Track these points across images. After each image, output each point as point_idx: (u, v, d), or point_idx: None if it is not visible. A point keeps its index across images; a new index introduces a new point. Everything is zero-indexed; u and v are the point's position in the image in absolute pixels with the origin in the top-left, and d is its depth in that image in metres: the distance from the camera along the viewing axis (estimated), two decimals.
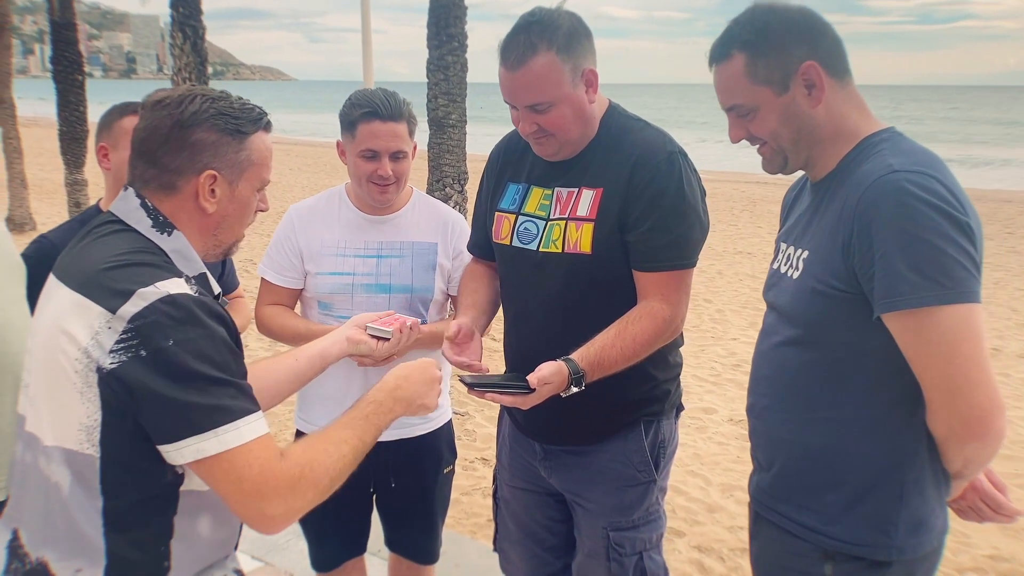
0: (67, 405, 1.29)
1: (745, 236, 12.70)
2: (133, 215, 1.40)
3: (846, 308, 1.50)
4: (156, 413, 1.25)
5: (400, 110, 2.24)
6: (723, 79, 1.61)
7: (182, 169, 1.40)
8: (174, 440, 1.25)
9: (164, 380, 1.23)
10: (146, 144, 1.40)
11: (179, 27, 8.11)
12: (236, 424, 1.27)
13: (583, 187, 1.96)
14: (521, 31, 1.85)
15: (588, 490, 2.11)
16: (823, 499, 1.61)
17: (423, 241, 2.40)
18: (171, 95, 1.42)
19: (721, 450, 4.94)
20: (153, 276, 1.30)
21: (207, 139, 1.40)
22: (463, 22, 6.74)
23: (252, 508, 1.29)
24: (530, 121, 1.91)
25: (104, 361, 1.24)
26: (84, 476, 1.29)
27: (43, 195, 15.07)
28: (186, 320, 1.26)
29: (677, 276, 1.94)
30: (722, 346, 7.07)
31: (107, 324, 1.25)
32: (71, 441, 1.29)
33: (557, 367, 1.79)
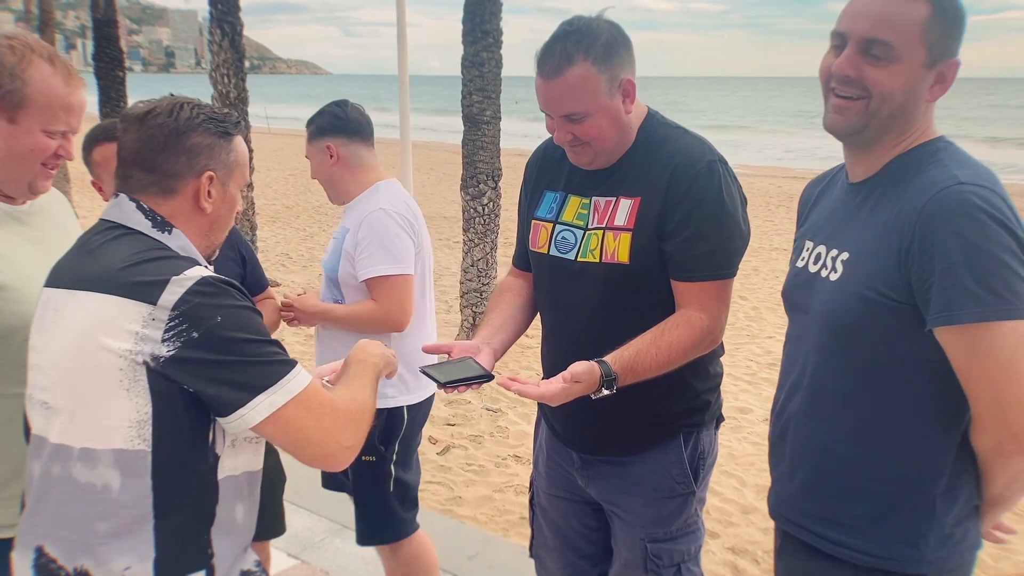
0: (112, 406, 1.33)
1: (782, 232, 12.55)
2: (132, 218, 1.45)
3: (893, 317, 1.46)
4: (221, 385, 1.33)
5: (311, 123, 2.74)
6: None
7: (181, 172, 1.46)
8: (244, 404, 1.33)
9: (223, 353, 1.32)
10: (143, 153, 1.46)
11: (217, 24, 8.20)
12: (294, 372, 1.39)
13: (621, 196, 1.94)
14: (559, 40, 1.83)
15: (626, 501, 2.09)
16: (851, 511, 1.56)
17: (345, 227, 2.67)
18: (157, 107, 1.48)
19: (756, 450, 4.89)
20: (178, 266, 1.37)
21: (203, 142, 1.48)
22: (498, 18, 6.74)
23: (331, 443, 1.42)
24: (565, 130, 1.89)
25: (160, 351, 1.30)
26: (136, 472, 1.34)
27: (84, 188, 15.31)
28: (224, 295, 1.36)
29: (716, 286, 1.91)
30: (758, 344, 7.01)
31: (150, 316, 1.31)
32: (120, 440, 1.34)
33: (589, 367, 1.77)
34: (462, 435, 5.10)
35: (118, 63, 11.52)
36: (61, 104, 1.75)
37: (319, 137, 2.70)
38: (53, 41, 13.41)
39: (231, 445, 1.43)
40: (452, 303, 7.99)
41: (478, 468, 4.65)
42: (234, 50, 8.24)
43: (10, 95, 1.69)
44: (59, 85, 1.74)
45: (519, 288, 2.21)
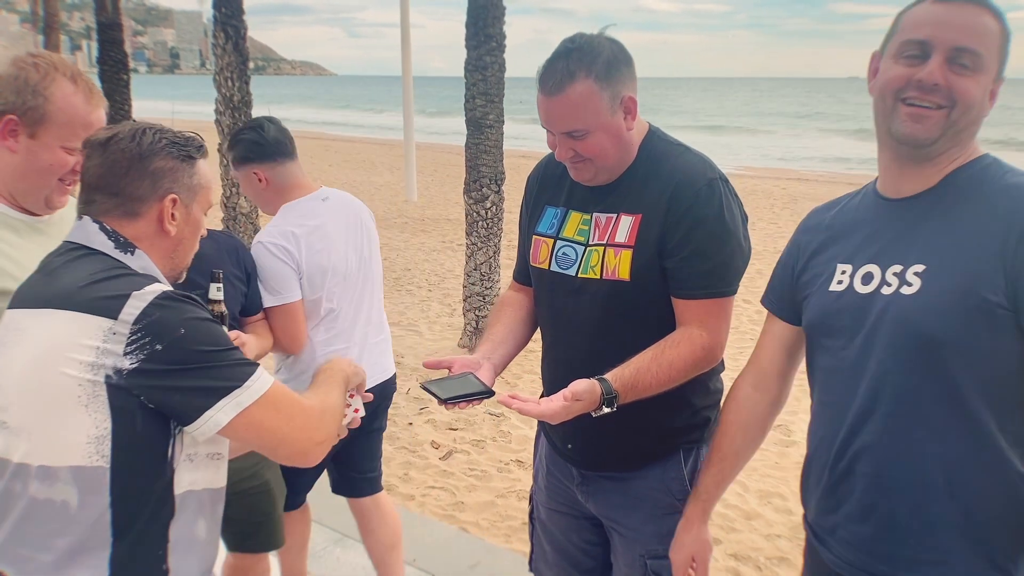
0: (71, 422, 1.34)
1: (786, 235, 12.49)
2: (95, 239, 1.47)
3: (999, 325, 1.39)
4: (187, 392, 1.35)
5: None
6: None
7: (145, 196, 1.49)
8: (211, 405, 1.36)
9: (187, 363, 1.35)
10: (106, 178, 1.48)
11: (221, 27, 8.21)
12: (257, 374, 1.42)
13: (622, 213, 1.94)
14: (561, 58, 1.83)
15: (626, 517, 2.09)
16: (946, 547, 1.46)
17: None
18: (119, 132, 1.50)
19: (759, 456, 4.85)
20: (138, 282, 1.40)
21: (165, 166, 1.51)
22: (501, 22, 6.73)
23: (303, 439, 1.46)
24: (567, 147, 1.89)
25: (122, 364, 1.32)
26: (94, 488, 1.36)
27: None
28: (185, 308, 1.38)
29: (717, 304, 1.91)
30: None
31: (111, 331, 1.33)
32: (78, 457, 1.35)
33: (590, 385, 1.77)
34: (464, 440, 5.09)
35: (122, 66, 11.53)
36: (81, 122, 1.79)
37: (244, 165, 2.72)
38: (58, 42, 13.46)
39: (188, 459, 1.44)
40: (455, 306, 7.99)
41: (480, 473, 4.64)
42: (238, 53, 8.25)
43: (32, 111, 1.75)
44: (80, 103, 1.80)
45: (520, 303, 2.21)
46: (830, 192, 18.07)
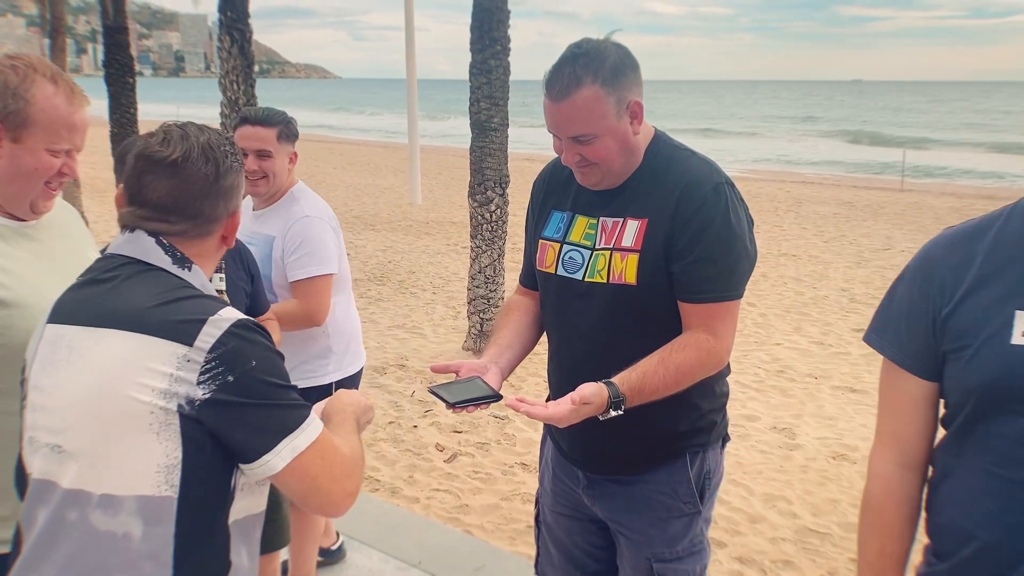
0: (140, 450, 1.29)
1: (790, 238, 12.52)
2: (152, 253, 1.42)
3: None
4: (250, 429, 1.32)
5: (270, 119, 2.83)
6: None
7: (219, 216, 1.49)
8: (269, 449, 1.32)
9: (254, 397, 1.32)
10: (184, 200, 1.43)
11: (227, 30, 8.23)
12: (311, 418, 1.39)
13: (628, 217, 1.94)
14: (567, 63, 1.84)
15: (632, 520, 2.09)
16: None
17: (268, 234, 2.88)
18: (188, 151, 1.43)
19: (764, 459, 4.88)
20: (212, 306, 1.36)
21: (236, 183, 1.50)
22: (506, 26, 6.74)
23: (338, 491, 1.41)
24: (573, 151, 1.90)
25: (195, 393, 1.28)
26: (159, 519, 1.31)
27: (95, 193, 15.43)
28: (257, 341, 1.36)
29: (723, 308, 1.91)
30: (765, 351, 6.99)
31: (185, 357, 1.29)
32: (147, 486, 1.30)
33: (597, 388, 1.78)
34: (469, 442, 5.10)
35: (128, 69, 11.55)
36: (64, 123, 1.75)
37: (288, 141, 2.89)
38: (64, 46, 13.48)
39: (242, 488, 1.40)
40: (460, 309, 7.99)
41: (485, 476, 4.64)
42: (243, 56, 8.27)
43: (13, 115, 1.69)
44: (62, 104, 1.74)
45: (526, 307, 2.22)
46: (835, 195, 18.11)
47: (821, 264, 10.65)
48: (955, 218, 14.61)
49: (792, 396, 5.94)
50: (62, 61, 13.03)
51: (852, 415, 5.58)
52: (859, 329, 7.66)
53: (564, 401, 1.76)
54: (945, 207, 16.13)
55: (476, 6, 6.69)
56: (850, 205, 16.46)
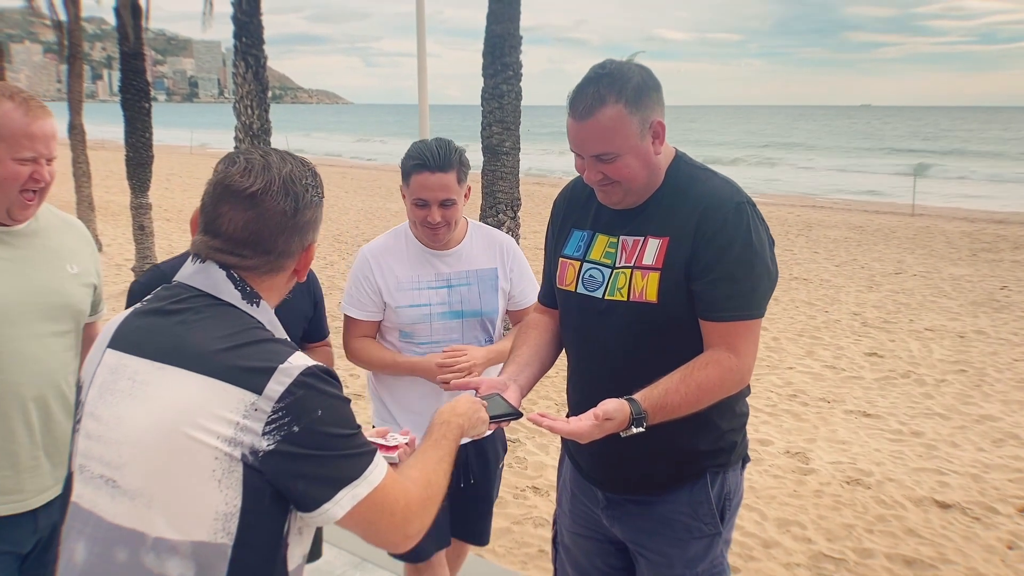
0: (199, 495, 1.27)
1: (801, 262, 12.50)
2: (222, 288, 1.39)
3: None
4: (311, 479, 1.29)
5: (448, 160, 2.48)
6: None
7: (294, 251, 1.45)
8: (330, 497, 1.30)
9: (318, 448, 1.29)
10: (259, 235, 1.40)
11: (242, 56, 8.35)
12: (376, 462, 1.36)
13: (649, 236, 1.96)
14: (591, 83, 1.86)
15: (652, 541, 2.08)
16: None
17: (485, 268, 2.69)
18: (269, 184, 1.39)
19: (777, 483, 4.85)
20: (281, 352, 1.33)
21: (314, 217, 1.47)
22: (518, 51, 6.82)
23: (400, 533, 1.39)
24: (596, 170, 1.91)
25: (259, 444, 1.26)
26: (212, 567, 1.29)
27: (108, 216, 15.57)
28: (324, 389, 1.32)
29: (744, 326, 1.91)
30: (778, 375, 6.96)
31: (253, 406, 1.27)
32: (203, 532, 1.28)
33: (619, 404, 1.78)
34: None
35: (144, 94, 11.68)
36: (23, 133, 1.91)
37: (466, 179, 2.58)
38: (81, 71, 13.67)
39: (298, 532, 1.39)
40: None
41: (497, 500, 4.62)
42: (258, 82, 8.38)
43: None
44: (19, 116, 1.91)
45: (545, 325, 2.22)
46: (845, 219, 18.09)
47: (833, 288, 10.62)
48: (967, 242, 14.56)
49: (805, 420, 5.91)
50: (79, 86, 13.21)
51: (866, 440, 5.54)
52: (872, 353, 7.63)
53: (586, 416, 1.76)
54: (957, 231, 16.08)
55: (488, 32, 6.77)
56: (861, 229, 16.43)
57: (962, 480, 4.90)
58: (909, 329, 8.56)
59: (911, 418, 6.00)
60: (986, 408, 6.19)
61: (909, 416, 6.03)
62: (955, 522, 4.39)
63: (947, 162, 38.50)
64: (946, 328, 8.58)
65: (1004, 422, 5.90)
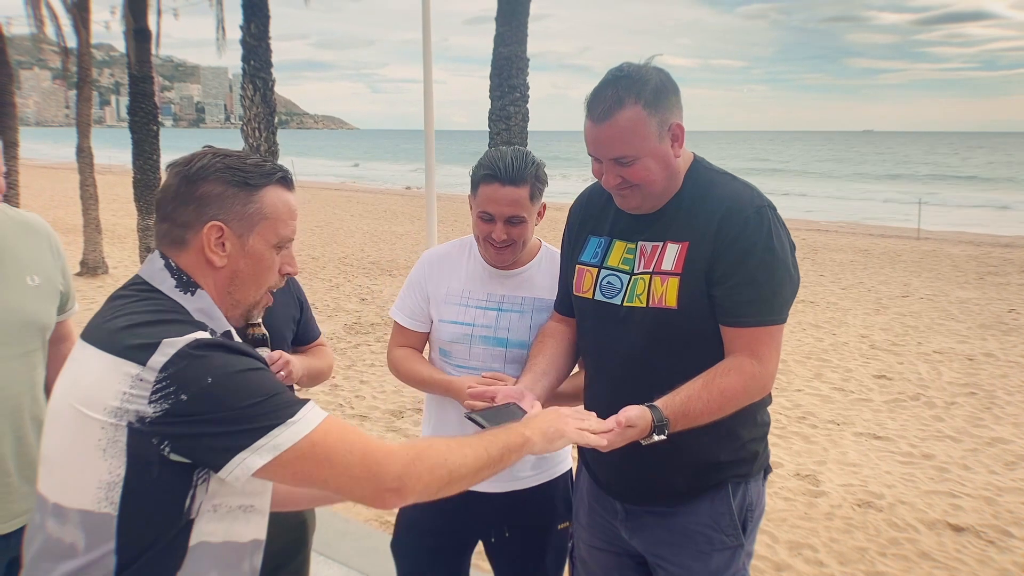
0: (85, 464, 1.30)
1: (808, 285, 12.47)
2: (157, 276, 1.43)
3: None
4: (214, 437, 1.27)
5: (521, 175, 2.22)
6: None
7: (190, 222, 1.41)
8: (240, 450, 1.27)
9: (214, 411, 1.26)
10: (161, 203, 1.45)
11: (250, 79, 8.42)
12: (301, 413, 1.31)
13: (668, 241, 1.93)
14: (609, 85, 1.85)
15: (673, 553, 2.04)
16: None
17: (544, 298, 2.38)
18: (185, 156, 1.46)
19: (788, 506, 4.79)
20: (177, 330, 1.32)
21: (212, 191, 1.41)
22: (525, 74, 6.87)
23: (364, 482, 1.34)
24: (614, 173, 1.89)
25: (146, 411, 1.26)
26: (100, 535, 1.31)
27: (115, 239, 15.62)
28: (216, 357, 1.29)
29: (766, 332, 1.88)
30: (786, 397, 6.91)
31: (138, 377, 1.27)
32: (87, 501, 1.30)
33: (641, 412, 1.75)
34: None
35: (152, 117, 11.79)
36: None
37: (540, 197, 2.33)
38: (90, 97, 13.77)
39: (212, 510, 1.36)
40: None
41: None
42: (265, 105, 8.44)
43: None
44: None
45: (561, 333, 2.20)
46: (850, 243, 18.07)
47: (839, 311, 10.58)
48: (974, 266, 14.53)
49: (815, 443, 5.85)
50: (87, 111, 13.32)
51: (876, 462, 5.49)
52: (880, 376, 7.59)
53: (607, 423, 1.72)
54: (963, 255, 16.05)
55: (496, 54, 6.82)
56: (866, 252, 16.41)
57: (975, 503, 4.84)
58: (917, 352, 8.51)
59: (922, 440, 5.94)
60: (997, 431, 6.13)
61: (920, 439, 5.98)
62: (969, 545, 4.33)
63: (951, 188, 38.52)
64: (955, 351, 8.53)
65: (1016, 444, 5.84)
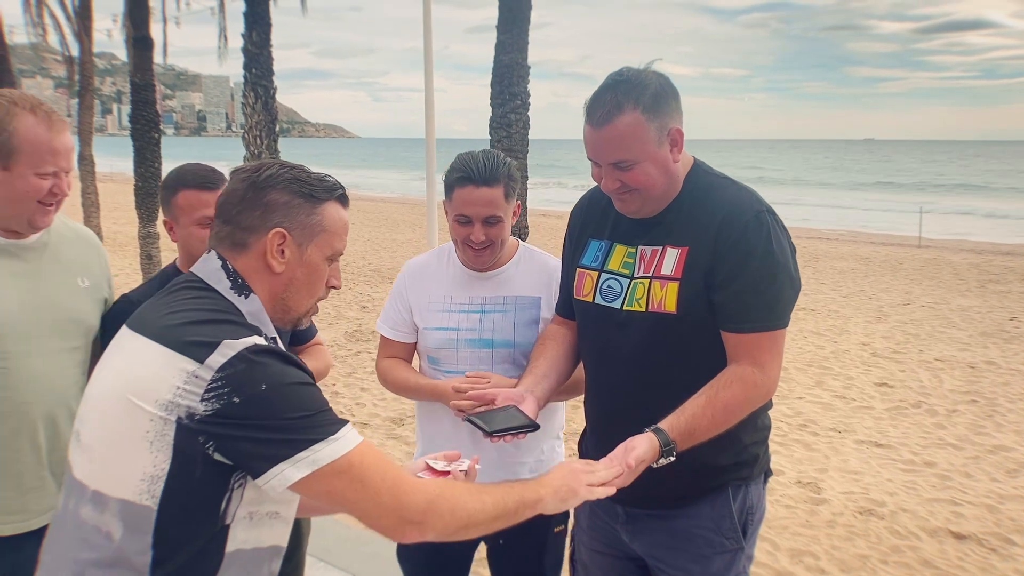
0: (131, 455, 1.31)
1: (808, 293, 12.46)
2: (213, 276, 1.46)
3: None
4: (258, 443, 1.29)
5: (495, 175, 2.24)
6: None
7: (254, 227, 1.46)
8: (280, 460, 1.29)
9: (262, 419, 1.29)
10: (224, 206, 1.49)
11: (251, 87, 8.44)
12: (342, 434, 1.34)
13: (668, 245, 1.94)
14: (608, 90, 1.85)
15: (673, 556, 2.04)
16: None
17: (527, 296, 2.41)
18: (251, 164, 1.51)
19: (789, 513, 4.78)
20: (236, 331, 1.35)
21: (279, 200, 1.46)
22: (526, 81, 6.88)
23: (387, 511, 1.36)
24: (613, 178, 1.90)
25: (197, 408, 1.28)
26: (138, 527, 1.32)
27: (116, 247, 15.63)
28: (272, 365, 1.33)
29: (768, 337, 1.88)
30: (787, 405, 6.90)
31: (194, 374, 1.29)
32: (129, 491, 1.32)
33: (648, 442, 1.74)
34: None
35: (154, 125, 11.81)
36: (47, 148, 1.93)
37: (514, 195, 2.35)
38: (92, 105, 13.83)
39: (247, 517, 1.38)
40: None
41: None
42: (267, 112, 8.46)
43: (1, 147, 1.89)
44: (43, 132, 1.92)
45: (562, 336, 2.20)
46: (852, 251, 18.08)
47: (840, 319, 10.58)
48: (975, 274, 14.52)
49: (816, 450, 5.84)
50: (89, 119, 13.37)
51: (878, 470, 5.47)
52: (882, 383, 7.57)
53: (616, 466, 1.71)
54: (964, 263, 16.05)
55: (496, 62, 6.84)
56: (867, 260, 16.41)
57: (977, 511, 4.83)
58: (919, 359, 8.50)
59: (923, 448, 5.92)
60: (999, 438, 6.12)
61: (921, 446, 5.96)
62: (971, 553, 4.31)
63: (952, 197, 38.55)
64: (956, 358, 8.52)
65: (1018, 452, 5.83)
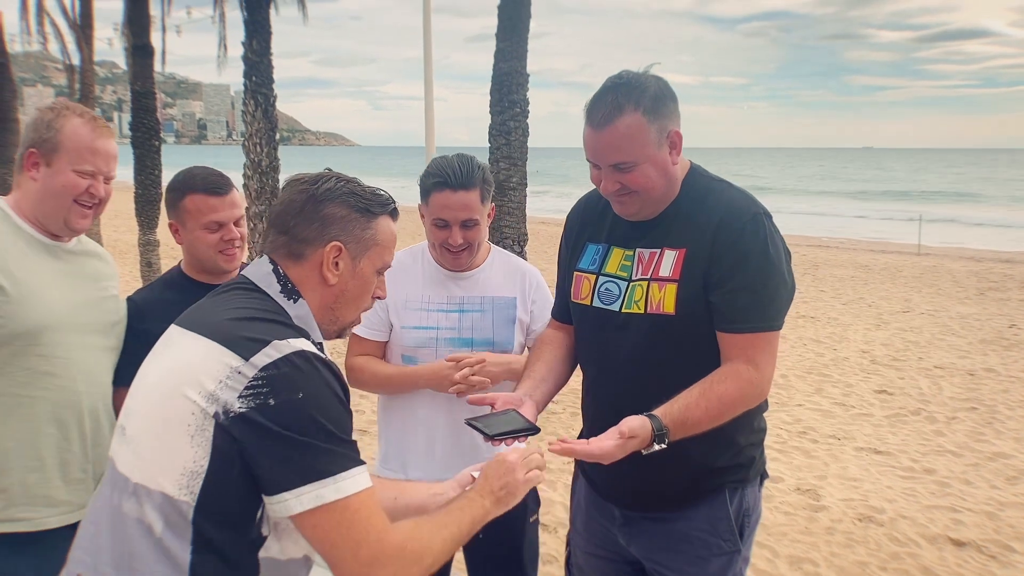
0: (173, 447, 1.31)
1: (808, 300, 12.47)
2: (264, 279, 1.49)
3: None
4: (277, 460, 1.28)
5: (471, 179, 2.30)
6: None
7: (311, 239, 1.48)
8: (294, 486, 1.28)
9: (291, 429, 1.28)
10: (281, 216, 1.50)
11: (252, 95, 8.46)
12: (354, 473, 1.32)
13: (665, 247, 1.95)
14: (608, 92, 1.87)
15: (670, 559, 2.05)
16: None
17: (503, 296, 2.48)
18: (308, 174, 1.53)
19: (788, 520, 4.77)
20: (285, 332, 1.36)
21: (337, 213, 1.49)
22: (525, 88, 6.91)
23: (357, 563, 1.32)
24: (613, 180, 1.91)
25: (233, 405, 1.28)
26: (177, 525, 1.31)
27: (116, 255, 15.60)
28: (315, 376, 1.33)
29: (763, 338, 1.90)
30: (787, 412, 6.89)
31: (237, 370, 1.30)
32: (170, 486, 1.31)
33: (642, 422, 1.76)
34: None
35: (154, 132, 11.84)
36: (88, 147, 2.02)
37: (489, 198, 2.42)
38: None
39: (279, 527, 1.37)
40: None
41: None
42: (267, 120, 8.48)
43: (46, 142, 2.01)
44: (86, 132, 2.03)
45: (559, 340, 2.21)
46: (851, 258, 18.09)
47: (840, 326, 10.57)
48: (974, 281, 14.53)
49: (815, 457, 5.83)
50: None
51: (877, 477, 5.47)
52: (881, 391, 7.57)
53: (609, 435, 1.74)
54: (963, 270, 16.05)
55: (496, 70, 6.86)
56: (867, 268, 16.42)
57: (977, 518, 4.82)
58: (918, 367, 8.49)
59: (923, 455, 5.92)
60: (999, 445, 6.11)
61: (921, 453, 5.96)
62: (971, 560, 4.30)
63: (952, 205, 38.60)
64: (956, 366, 8.52)
65: (1017, 459, 5.82)
